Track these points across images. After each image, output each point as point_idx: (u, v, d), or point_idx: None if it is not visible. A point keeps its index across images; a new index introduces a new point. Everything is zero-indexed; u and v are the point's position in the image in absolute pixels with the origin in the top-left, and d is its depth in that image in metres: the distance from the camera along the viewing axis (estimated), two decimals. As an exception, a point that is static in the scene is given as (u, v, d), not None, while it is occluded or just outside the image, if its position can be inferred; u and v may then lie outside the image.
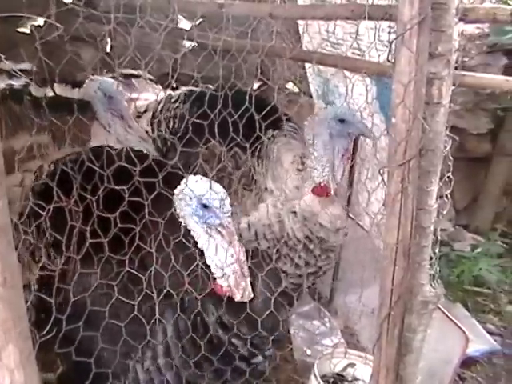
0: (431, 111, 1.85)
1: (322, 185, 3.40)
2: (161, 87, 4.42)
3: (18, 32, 5.48)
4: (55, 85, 3.63)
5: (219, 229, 2.32)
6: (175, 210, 2.35)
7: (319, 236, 3.45)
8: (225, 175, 3.30)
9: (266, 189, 3.56)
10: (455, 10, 1.81)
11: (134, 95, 4.40)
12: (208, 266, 2.35)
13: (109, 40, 5.20)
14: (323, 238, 3.46)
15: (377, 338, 2.07)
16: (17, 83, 3.68)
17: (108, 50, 5.46)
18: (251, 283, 2.38)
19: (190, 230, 2.37)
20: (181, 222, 2.36)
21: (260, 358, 2.44)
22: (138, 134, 3.81)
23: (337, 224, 3.48)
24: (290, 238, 3.45)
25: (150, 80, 4.61)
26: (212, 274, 2.35)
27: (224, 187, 2.34)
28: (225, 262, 2.33)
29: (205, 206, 2.30)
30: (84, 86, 3.70)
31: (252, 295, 2.37)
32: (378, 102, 3.46)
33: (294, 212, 3.45)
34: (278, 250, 3.38)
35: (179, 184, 2.35)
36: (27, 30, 5.65)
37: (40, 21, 5.49)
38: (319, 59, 2.59)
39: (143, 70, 4.12)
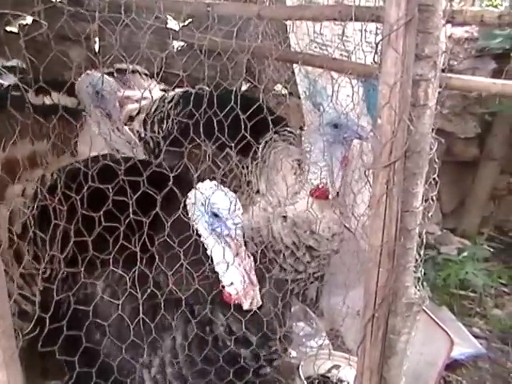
0: (417, 113, 1.86)
1: (320, 187, 3.37)
2: (156, 82, 4.36)
3: (6, 31, 5.46)
4: (52, 93, 3.60)
5: (227, 239, 2.32)
6: (187, 214, 2.35)
7: (308, 244, 3.42)
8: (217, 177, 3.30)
9: (257, 191, 3.54)
10: (442, 12, 1.82)
11: (129, 93, 4.35)
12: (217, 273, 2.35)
13: (97, 39, 5.19)
14: (312, 247, 3.43)
15: (361, 340, 2.07)
16: (6, 82, 3.65)
17: (96, 49, 5.45)
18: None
19: (200, 235, 2.37)
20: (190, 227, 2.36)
21: (268, 369, 2.43)
22: (125, 138, 3.77)
23: (333, 229, 3.45)
24: (277, 243, 3.42)
25: (145, 75, 4.55)
26: (220, 281, 2.35)
27: None
28: (232, 271, 2.32)
29: (215, 215, 2.30)
30: (79, 79, 3.66)
31: (260, 303, 2.36)
32: (365, 103, 3.47)
33: (285, 217, 3.42)
34: (264, 254, 3.37)
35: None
36: (15, 29, 5.63)
37: (28, 19, 5.48)
38: (306, 60, 2.59)
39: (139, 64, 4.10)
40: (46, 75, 1.97)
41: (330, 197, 3.39)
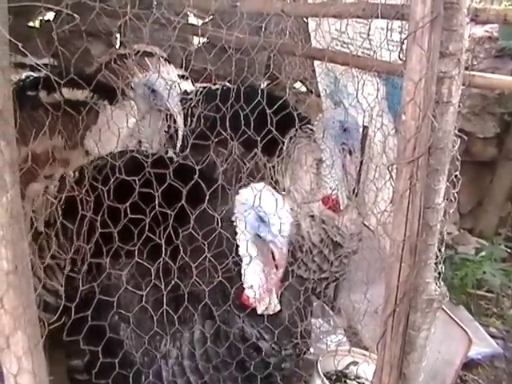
0: (441, 110, 1.87)
1: (332, 198, 3.40)
2: (174, 68, 4.28)
3: (29, 26, 5.51)
4: (63, 89, 3.58)
5: (271, 245, 2.25)
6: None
7: (335, 240, 3.43)
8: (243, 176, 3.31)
9: (283, 190, 3.54)
10: (467, 10, 1.83)
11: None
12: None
13: (118, 36, 5.22)
14: (339, 243, 3.44)
15: (381, 335, 2.08)
16: (36, 74, 3.66)
17: (117, 46, 5.47)
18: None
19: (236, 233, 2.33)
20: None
21: (278, 378, 2.38)
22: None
23: (351, 229, 3.47)
24: (305, 242, 3.42)
25: (164, 59, 4.46)
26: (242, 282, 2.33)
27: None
28: (254, 274, 2.30)
29: (261, 219, 2.24)
30: (134, 82, 3.59)
31: (278, 308, 2.34)
32: (387, 102, 3.47)
33: (312, 216, 3.43)
34: (292, 255, 3.37)
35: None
36: (37, 25, 5.68)
37: (49, 15, 5.53)
38: (330, 57, 2.61)
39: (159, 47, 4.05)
40: (69, 71, 1.99)
41: (342, 207, 3.41)
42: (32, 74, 3.58)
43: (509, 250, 5.38)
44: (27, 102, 3.31)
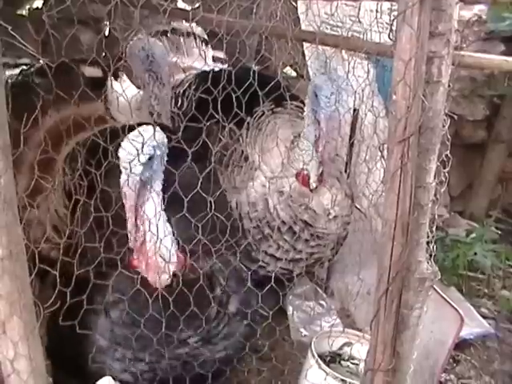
0: (431, 90, 1.89)
1: (303, 174, 3.30)
2: (210, 49, 4.16)
3: (18, 15, 5.48)
4: (85, 67, 3.55)
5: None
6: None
7: (302, 219, 3.33)
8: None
9: (252, 163, 3.48)
10: (456, -11, 1.84)
11: (176, 59, 4.18)
12: None
13: (107, 23, 5.18)
14: (307, 222, 3.35)
15: (374, 314, 2.10)
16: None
17: (107, 33, 5.44)
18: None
19: None
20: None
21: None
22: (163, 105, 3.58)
23: (331, 210, 3.35)
24: (273, 219, 3.35)
25: (202, 40, 4.34)
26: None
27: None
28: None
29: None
30: (130, 44, 3.58)
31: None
32: (377, 84, 3.48)
33: (281, 191, 3.34)
34: (260, 231, 3.32)
35: None
36: (25, 13, 5.64)
37: (38, 3, 5.50)
38: (320, 39, 2.61)
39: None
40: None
41: (313, 185, 3.30)
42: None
43: (499, 232, 5.42)
44: None
